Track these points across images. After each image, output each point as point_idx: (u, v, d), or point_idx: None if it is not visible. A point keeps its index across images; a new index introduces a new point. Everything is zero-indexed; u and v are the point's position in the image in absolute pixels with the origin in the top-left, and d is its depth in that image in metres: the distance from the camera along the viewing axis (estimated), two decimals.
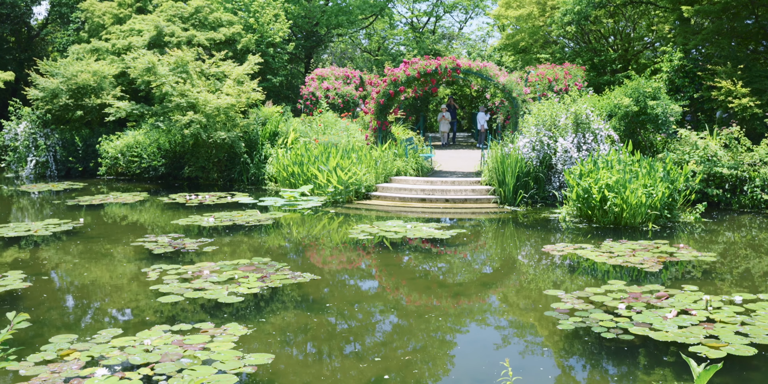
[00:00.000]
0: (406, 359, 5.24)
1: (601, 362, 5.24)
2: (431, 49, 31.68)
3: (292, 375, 4.92)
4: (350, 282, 7.99)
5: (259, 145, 17.00)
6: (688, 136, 13.06)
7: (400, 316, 6.41)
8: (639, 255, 8.67)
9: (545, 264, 8.60)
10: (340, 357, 5.36)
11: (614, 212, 10.69)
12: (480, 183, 13.96)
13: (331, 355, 5.41)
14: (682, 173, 11.59)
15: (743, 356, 5.17)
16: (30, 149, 18.84)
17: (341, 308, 6.64)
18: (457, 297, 7.03)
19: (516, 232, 10.93)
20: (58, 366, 4.91)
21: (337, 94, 20.41)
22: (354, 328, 6.15)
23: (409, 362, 5.17)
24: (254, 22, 23.60)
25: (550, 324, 6.05)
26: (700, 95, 15.55)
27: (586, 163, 11.72)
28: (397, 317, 6.40)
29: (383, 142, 15.49)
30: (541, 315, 6.33)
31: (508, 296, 7.31)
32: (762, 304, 6.55)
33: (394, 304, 6.87)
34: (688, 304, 6.55)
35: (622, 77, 19.00)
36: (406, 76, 14.82)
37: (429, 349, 5.53)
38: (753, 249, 9.65)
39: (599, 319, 6.09)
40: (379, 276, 8.14)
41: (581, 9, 18.40)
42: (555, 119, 13.14)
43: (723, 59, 15.67)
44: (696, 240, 9.93)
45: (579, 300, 6.72)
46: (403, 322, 6.25)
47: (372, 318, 6.47)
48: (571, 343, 5.63)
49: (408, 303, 6.87)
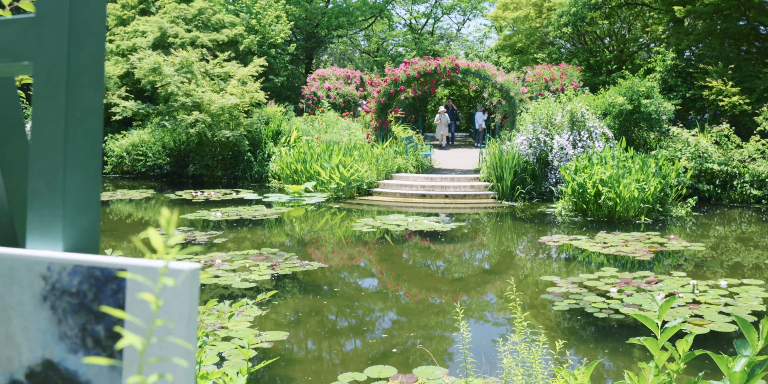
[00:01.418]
0: (411, 335, 5.62)
1: (593, 337, 5.63)
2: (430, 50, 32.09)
3: (305, 349, 5.30)
4: (356, 269, 8.37)
5: (263, 144, 17.39)
6: (680, 133, 13.48)
7: (403, 299, 6.80)
8: (631, 245, 9.07)
9: (541, 253, 8.99)
10: (349, 333, 5.74)
11: (608, 206, 11.09)
12: (478, 179, 14.35)
13: (340, 332, 5.79)
14: (674, 169, 12.01)
15: (725, 332, 5.56)
16: None
17: (349, 292, 7.02)
18: (456, 282, 7.41)
19: (514, 226, 11.32)
20: None
21: (338, 94, 20.80)
22: (362, 308, 6.53)
23: (413, 337, 5.55)
24: (256, 24, 24.00)
25: (546, 305, 6.44)
26: (692, 94, 15.98)
27: (581, 159, 12.13)
28: (401, 299, 6.79)
29: (384, 141, 15.88)
30: (538, 297, 6.72)
31: (506, 281, 7.70)
32: (745, 288, 6.95)
33: (398, 288, 7.25)
34: (676, 288, 6.94)
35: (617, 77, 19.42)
36: (406, 75, 15.22)
37: (431, 327, 5.91)
38: (740, 240, 10.05)
39: (592, 301, 6.48)
40: (384, 263, 8.52)
41: (577, 10, 18.83)
42: (551, 117, 13.54)
43: (714, 59, 16.11)
44: (686, 232, 10.33)
45: (573, 285, 7.11)
46: (407, 303, 6.63)
47: (378, 299, 6.86)
48: (566, 321, 6.01)
49: (410, 288, 7.26)
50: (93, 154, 0.64)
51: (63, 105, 0.63)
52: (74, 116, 0.63)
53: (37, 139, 0.64)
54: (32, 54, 0.65)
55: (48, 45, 0.64)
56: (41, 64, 0.64)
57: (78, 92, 0.64)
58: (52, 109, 0.63)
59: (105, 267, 0.59)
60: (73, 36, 0.63)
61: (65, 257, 0.60)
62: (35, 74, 0.65)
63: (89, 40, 0.64)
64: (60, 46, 0.63)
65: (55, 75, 0.63)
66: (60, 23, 0.63)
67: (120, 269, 0.59)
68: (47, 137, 0.63)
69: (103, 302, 0.59)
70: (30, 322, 0.62)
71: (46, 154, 0.63)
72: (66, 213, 0.62)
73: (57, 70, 0.63)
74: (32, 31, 0.65)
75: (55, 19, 0.63)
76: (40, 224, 0.64)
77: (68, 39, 0.63)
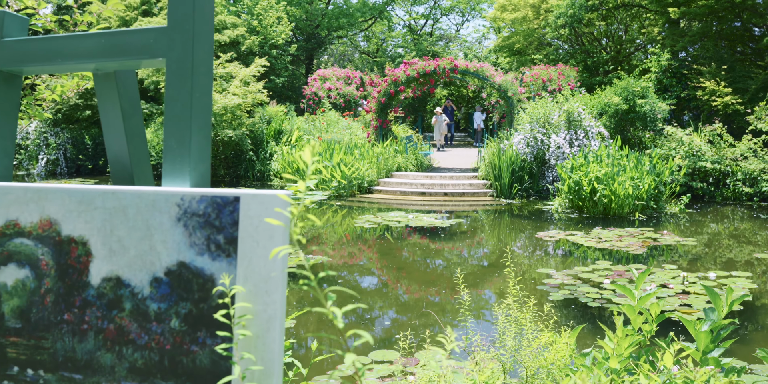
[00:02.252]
0: (414, 316, 5.90)
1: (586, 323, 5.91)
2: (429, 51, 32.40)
3: (311, 330, 5.58)
4: (361, 261, 8.65)
5: (265, 143, 17.67)
6: (674, 132, 13.77)
7: (406, 288, 7.08)
8: (625, 240, 9.36)
9: (538, 248, 9.28)
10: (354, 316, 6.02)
11: (603, 203, 11.38)
12: (477, 178, 14.64)
13: (349, 315, 6.07)
14: (668, 167, 12.30)
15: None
16: (41, 148, 19.47)
17: (354, 280, 7.30)
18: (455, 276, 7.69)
19: (511, 222, 11.61)
20: None
21: (338, 94, 21.09)
22: (369, 292, 6.81)
23: (417, 317, 5.83)
24: (257, 25, 24.28)
25: (542, 295, 6.72)
26: (687, 94, 16.28)
27: (578, 157, 12.42)
28: (404, 289, 7.07)
29: (384, 140, 16.17)
30: (534, 288, 7.00)
31: (503, 273, 7.98)
32: (733, 279, 7.24)
33: (401, 280, 7.53)
34: (667, 279, 7.22)
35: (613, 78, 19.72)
36: (406, 76, 15.51)
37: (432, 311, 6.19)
38: (731, 236, 10.34)
39: (586, 291, 6.76)
40: (386, 256, 8.80)
41: (574, 12, 19.13)
42: (548, 117, 13.84)
43: (708, 60, 16.42)
44: (679, 228, 10.62)
45: (568, 277, 7.39)
46: (410, 291, 6.91)
47: (384, 289, 7.14)
48: (560, 310, 6.29)
49: (412, 278, 7.54)
50: (207, 123, 0.93)
51: (189, 88, 0.91)
52: (195, 96, 0.91)
53: (170, 111, 0.92)
54: (165, 52, 0.93)
55: (177, 46, 0.92)
56: (173, 59, 0.92)
57: (197, 79, 0.92)
58: (181, 91, 0.91)
59: (224, 196, 0.87)
60: (195, 39, 0.91)
61: (194, 191, 0.88)
62: (168, 67, 0.93)
63: (204, 42, 0.93)
64: (186, 46, 0.91)
65: (182, 67, 0.91)
66: (186, 31, 0.91)
67: (235, 197, 0.87)
68: (178, 110, 0.91)
69: (222, 220, 0.87)
70: (167, 236, 0.90)
71: (178, 122, 0.91)
72: (191, 162, 0.91)
73: (184, 63, 0.91)
74: (165, 37, 0.93)
75: (183, 28, 0.91)
76: (173, 170, 0.92)
77: (192, 42, 0.91)
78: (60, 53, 1.00)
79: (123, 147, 1.08)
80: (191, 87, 0.90)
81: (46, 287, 1.00)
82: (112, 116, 1.08)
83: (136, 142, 1.07)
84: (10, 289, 1.02)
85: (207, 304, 0.89)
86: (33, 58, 1.03)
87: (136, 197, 0.92)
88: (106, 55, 0.97)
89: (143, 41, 0.95)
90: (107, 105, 1.07)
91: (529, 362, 2.18)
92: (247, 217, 0.86)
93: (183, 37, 0.91)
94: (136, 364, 0.93)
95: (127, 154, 1.07)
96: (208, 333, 0.89)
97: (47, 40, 1.02)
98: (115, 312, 0.94)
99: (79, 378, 0.96)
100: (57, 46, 1.01)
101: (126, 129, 1.07)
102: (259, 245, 0.85)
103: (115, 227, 0.93)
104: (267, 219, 0.85)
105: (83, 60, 1.00)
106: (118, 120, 1.07)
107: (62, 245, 0.98)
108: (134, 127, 1.07)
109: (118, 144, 1.08)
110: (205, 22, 0.92)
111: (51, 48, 1.01)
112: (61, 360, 0.97)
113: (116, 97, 1.06)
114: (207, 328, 0.89)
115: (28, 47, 1.03)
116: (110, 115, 1.08)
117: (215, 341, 0.89)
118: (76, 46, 0.99)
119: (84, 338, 0.96)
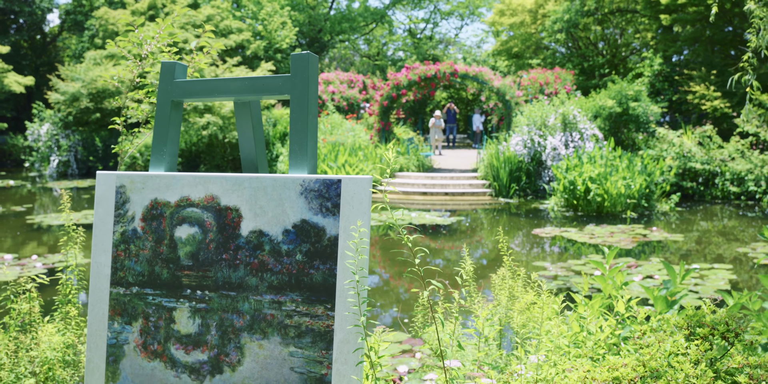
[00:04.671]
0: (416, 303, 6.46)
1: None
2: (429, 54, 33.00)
3: None
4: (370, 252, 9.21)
5: (271, 145, 18.23)
6: (666, 134, 14.36)
7: (409, 282, 7.64)
8: (616, 236, 9.93)
9: (534, 243, 9.85)
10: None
11: (597, 202, 11.96)
12: (476, 178, 15.22)
13: None
14: (658, 167, 12.89)
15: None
16: (52, 149, 20.02)
17: None
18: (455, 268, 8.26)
19: (509, 219, 12.18)
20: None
21: (342, 97, 21.67)
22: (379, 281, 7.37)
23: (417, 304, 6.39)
24: (262, 30, 24.86)
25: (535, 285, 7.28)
26: (678, 98, 16.88)
27: (573, 158, 13.00)
28: (406, 283, 7.64)
29: (387, 141, 16.75)
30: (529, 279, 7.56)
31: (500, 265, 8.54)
32: (714, 271, 7.81)
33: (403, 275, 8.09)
34: (654, 271, 7.79)
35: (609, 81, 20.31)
36: (407, 80, 16.09)
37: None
38: (718, 233, 10.93)
39: (578, 281, 7.33)
40: (388, 255, 9.37)
41: (571, 17, 19.73)
42: (545, 119, 14.42)
43: (699, 65, 17.02)
44: (669, 225, 11.20)
45: (562, 269, 7.96)
46: (412, 286, 7.48)
47: (388, 281, 7.70)
48: None
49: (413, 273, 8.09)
50: (314, 135, 1.50)
51: (306, 113, 1.48)
52: (309, 118, 1.48)
53: (294, 127, 1.49)
54: (290, 91, 1.51)
55: (298, 87, 1.49)
56: (295, 96, 1.49)
57: (311, 107, 1.49)
58: (301, 115, 1.48)
59: (331, 179, 1.45)
60: (309, 83, 1.49)
61: (312, 176, 1.46)
62: (292, 100, 1.50)
63: (314, 84, 1.50)
64: (304, 87, 1.49)
65: (302, 100, 1.48)
66: (303, 77, 1.48)
67: (338, 179, 1.45)
68: (299, 127, 1.48)
69: (330, 193, 1.44)
70: (294, 204, 1.47)
71: (299, 134, 1.48)
72: (308, 158, 1.48)
73: (302, 98, 1.48)
74: (290, 81, 1.50)
75: (302, 76, 1.48)
76: (295, 164, 1.49)
77: (308, 85, 1.49)
78: (216, 90, 1.57)
79: (252, 149, 1.65)
80: (307, 112, 1.48)
81: (210, 238, 1.57)
82: (245, 129, 1.65)
83: (260, 146, 1.64)
84: (184, 240, 1.59)
85: (320, 244, 1.46)
86: (197, 93, 1.60)
87: (273, 180, 1.49)
88: (249, 92, 1.55)
89: (276, 83, 1.52)
90: (242, 123, 1.64)
91: (518, 317, 2.74)
92: (346, 190, 1.43)
93: (302, 82, 1.48)
94: (273, 283, 1.50)
95: (254, 153, 1.64)
96: (320, 261, 1.46)
97: (207, 81, 1.59)
98: (258, 252, 1.52)
99: (233, 294, 1.54)
100: (214, 85, 1.58)
101: (254, 137, 1.64)
102: (353, 208, 1.42)
103: (258, 199, 1.50)
104: (359, 191, 1.43)
105: (230, 95, 1.57)
106: (249, 132, 1.64)
107: (221, 211, 1.55)
108: (259, 136, 1.64)
109: (248, 147, 1.65)
110: (314, 72, 1.49)
111: (210, 87, 1.58)
112: (220, 283, 1.55)
113: (249, 117, 1.63)
114: (320, 259, 1.46)
115: (194, 86, 1.60)
116: (244, 128, 1.65)
117: (325, 267, 1.46)
118: (228, 86, 1.56)
119: (236, 269, 1.54)
